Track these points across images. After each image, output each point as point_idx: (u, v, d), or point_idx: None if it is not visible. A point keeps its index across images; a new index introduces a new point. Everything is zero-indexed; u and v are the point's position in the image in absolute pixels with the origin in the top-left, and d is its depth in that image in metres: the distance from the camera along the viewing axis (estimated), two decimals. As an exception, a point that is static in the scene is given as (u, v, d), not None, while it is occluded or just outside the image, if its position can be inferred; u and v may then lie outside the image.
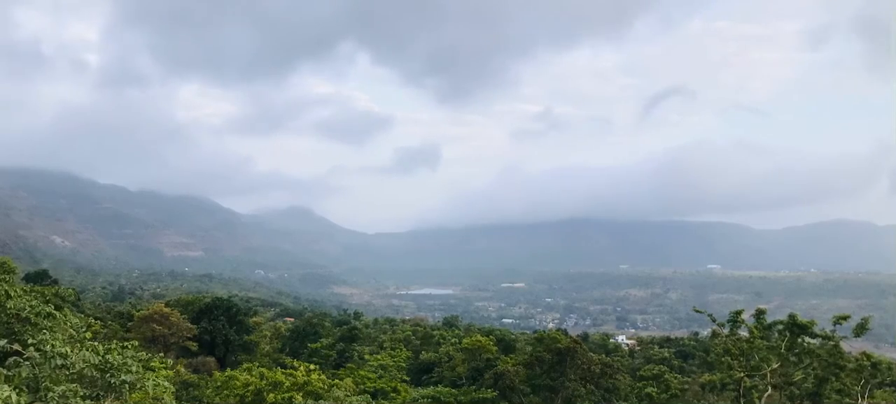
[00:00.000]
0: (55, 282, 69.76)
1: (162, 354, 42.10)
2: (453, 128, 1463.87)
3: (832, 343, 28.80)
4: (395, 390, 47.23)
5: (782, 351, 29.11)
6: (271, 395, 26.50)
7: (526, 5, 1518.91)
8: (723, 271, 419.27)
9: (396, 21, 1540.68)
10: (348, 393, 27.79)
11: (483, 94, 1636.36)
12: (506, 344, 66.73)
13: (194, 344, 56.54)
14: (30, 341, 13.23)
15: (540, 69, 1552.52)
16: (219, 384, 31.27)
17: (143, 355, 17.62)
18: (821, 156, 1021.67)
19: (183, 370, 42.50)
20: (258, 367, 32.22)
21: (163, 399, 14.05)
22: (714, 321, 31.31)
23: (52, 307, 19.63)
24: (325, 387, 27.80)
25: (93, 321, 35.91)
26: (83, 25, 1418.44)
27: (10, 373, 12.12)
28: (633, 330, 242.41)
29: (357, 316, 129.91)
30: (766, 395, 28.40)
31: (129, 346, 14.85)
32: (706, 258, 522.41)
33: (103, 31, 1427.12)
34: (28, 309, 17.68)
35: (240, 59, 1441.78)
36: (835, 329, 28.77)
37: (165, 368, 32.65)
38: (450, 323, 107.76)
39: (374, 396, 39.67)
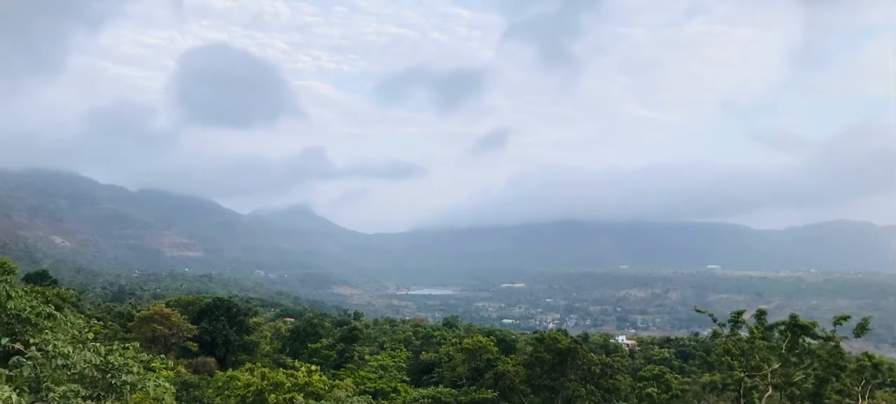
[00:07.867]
0: (55, 282, 69.69)
1: (162, 355, 42.17)
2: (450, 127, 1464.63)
3: (833, 343, 28.80)
4: (395, 390, 47.31)
5: (783, 351, 29.11)
6: (272, 396, 26.54)
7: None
8: (723, 271, 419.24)
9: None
10: (349, 394, 27.82)
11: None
12: (506, 345, 66.76)
13: (195, 344, 56.67)
14: (31, 341, 13.23)
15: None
16: (220, 384, 31.36)
17: (144, 356, 17.63)
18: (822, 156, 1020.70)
19: (183, 370, 42.54)
20: (259, 368, 32.27)
21: (164, 399, 14.05)
22: (715, 321, 31.26)
23: (53, 307, 19.62)
24: (326, 388, 27.86)
25: (94, 321, 35.85)
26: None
27: (11, 373, 12.12)
28: (633, 331, 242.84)
29: (357, 316, 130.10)
30: (766, 396, 28.39)
31: (130, 347, 14.84)
32: (706, 258, 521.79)
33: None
34: (29, 309, 17.66)
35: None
36: (835, 329, 28.76)
37: (166, 369, 32.69)
38: (450, 324, 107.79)
39: (374, 396, 39.72)
